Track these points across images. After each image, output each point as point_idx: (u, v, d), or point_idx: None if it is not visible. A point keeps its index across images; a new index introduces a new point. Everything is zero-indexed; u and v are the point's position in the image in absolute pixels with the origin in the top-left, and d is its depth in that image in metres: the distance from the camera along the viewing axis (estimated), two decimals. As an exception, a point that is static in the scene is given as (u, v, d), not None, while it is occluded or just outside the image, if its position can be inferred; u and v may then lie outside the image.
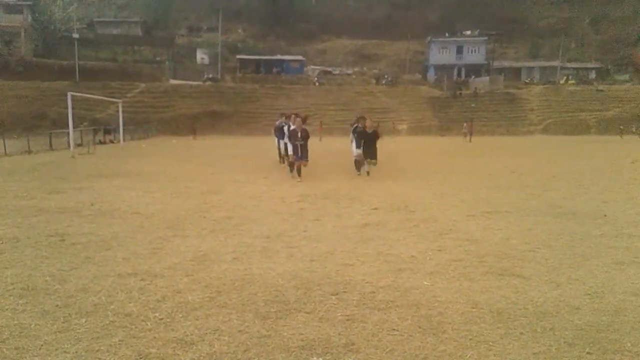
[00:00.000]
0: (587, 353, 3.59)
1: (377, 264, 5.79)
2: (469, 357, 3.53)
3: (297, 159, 13.67)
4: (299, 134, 13.53)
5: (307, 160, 13.88)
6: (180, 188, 12.20)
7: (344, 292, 4.83)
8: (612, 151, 26.57)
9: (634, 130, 47.24)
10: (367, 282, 5.10)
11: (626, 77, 67.15)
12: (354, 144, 15.47)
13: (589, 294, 4.78)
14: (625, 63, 70.52)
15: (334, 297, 4.66)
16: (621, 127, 47.99)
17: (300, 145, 13.57)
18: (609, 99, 58.24)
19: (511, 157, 23.64)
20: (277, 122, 18.51)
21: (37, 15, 63.07)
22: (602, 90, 60.11)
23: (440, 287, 4.96)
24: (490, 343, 3.74)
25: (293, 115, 14.72)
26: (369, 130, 14.68)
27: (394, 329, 3.98)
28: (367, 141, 14.56)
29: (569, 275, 5.36)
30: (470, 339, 3.80)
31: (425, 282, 5.10)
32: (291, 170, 14.15)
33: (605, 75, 68.72)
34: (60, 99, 40.85)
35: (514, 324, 4.08)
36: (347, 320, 4.16)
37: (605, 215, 8.70)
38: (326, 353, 3.58)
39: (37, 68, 56.06)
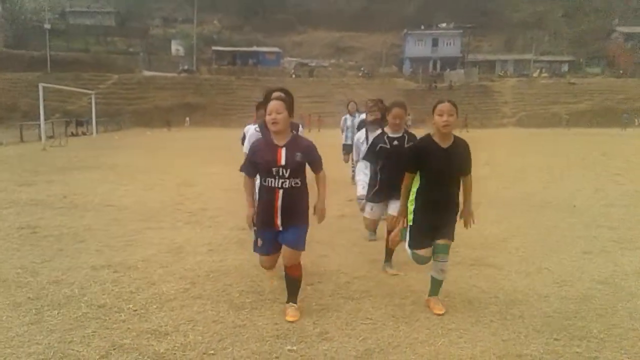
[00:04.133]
0: (555, 339, 3.68)
1: (352, 254, 5.84)
2: (441, 344, 3.60)
3: (265, 249, 4.21)
4: (283, 155, 4.13)
5: (302, 249, 4.19)
6: (154, 180, 12.09)
7: (319, 282, 4.87)
8: (584, 143, 27.04)
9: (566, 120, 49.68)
10: (342, 273, 5.15)
11: (598, 70, 68.31)
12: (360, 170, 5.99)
13: (558, 283, 4.89)
14: (597, 56, 71.71)
15: (309, 288, 4.69)
16: (566, 116, 49.26)
17: (285, 191, 4.16)
18: (581, 91, 59.24)
19: (484, 149, 23.89)
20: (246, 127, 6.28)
21: (7, 5, 61.76)
22: (574, 83, 61.12)
23: (414, 277, 5.03)
24: (462, 330, 3.82)
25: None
26: (393, 140, 5.34)
27: (368, 318, 4.03)
28: (391, 177, 4.93)
29: (539, 264, 5.48)
30: (442, 327, 3.87)
31: (399, 273, 5.16)
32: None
33: (578, 68, 69.81)
34: (32, 90, 40.19)
35: (484, 312, 4.17)
36: (322, 309, 4.20)
37: (574, 207, 8.89)
38: (300, 342, 3.61)
39: (7, 59, 55.05)
